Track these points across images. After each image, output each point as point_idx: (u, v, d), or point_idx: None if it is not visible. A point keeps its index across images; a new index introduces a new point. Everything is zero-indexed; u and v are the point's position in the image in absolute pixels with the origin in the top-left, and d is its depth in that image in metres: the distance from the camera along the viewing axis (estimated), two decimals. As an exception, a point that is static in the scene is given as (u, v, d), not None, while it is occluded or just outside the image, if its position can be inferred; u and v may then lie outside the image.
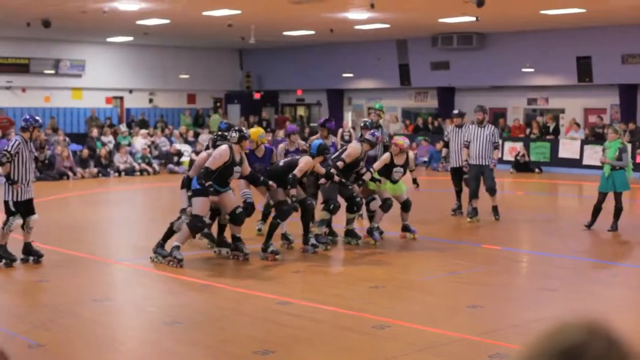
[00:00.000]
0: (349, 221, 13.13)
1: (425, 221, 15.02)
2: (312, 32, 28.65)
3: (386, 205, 13.08)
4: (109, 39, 31.77)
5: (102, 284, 10.62)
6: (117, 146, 26.91)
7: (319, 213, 12.87)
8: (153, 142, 28.40)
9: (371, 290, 10.05)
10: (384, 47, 31.97)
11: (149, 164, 26.53)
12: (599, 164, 14.91)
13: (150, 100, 35.69)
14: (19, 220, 11.25)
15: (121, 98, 35.04)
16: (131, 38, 31.19)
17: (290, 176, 11.80)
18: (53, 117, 31.73)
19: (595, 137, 26.37)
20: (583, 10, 22.26)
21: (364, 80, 33.86)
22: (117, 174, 25.53)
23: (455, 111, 16.86)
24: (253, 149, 12.72)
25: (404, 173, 13.38)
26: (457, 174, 16.26)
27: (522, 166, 26.98)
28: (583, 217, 14.74)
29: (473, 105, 26.88)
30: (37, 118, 11.52)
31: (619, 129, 14.84)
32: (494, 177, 15.57)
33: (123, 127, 30.46)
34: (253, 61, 37.40)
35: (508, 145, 28.09)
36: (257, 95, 37.14)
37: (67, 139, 27.02)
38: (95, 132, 28.03)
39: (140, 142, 27.75)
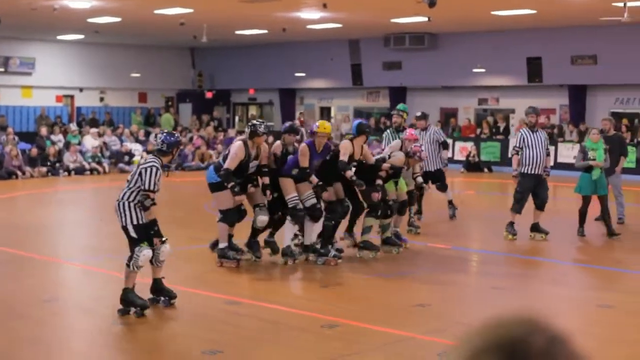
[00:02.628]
0: (385, 227, 12.37)
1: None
2: (265, 32, 28.61)
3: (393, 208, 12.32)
4: (59, 37, 31.42)
5: (51, 284, 10.52)
6: (67, 145, 26.66)
7: (364, 220, 12.07)
8: (105, 144, 28.13)
9: (320, 289, 10.08)
10: (337, 46, 31.99)
11: (99, 163, 26.31)
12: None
13: (101, 99, 35.38)
14: (147, 251, 8.69)
15: (71, 96, 34.67)
16: (82, 36, 30.88)
17: (339, 163, 11.29)
18: (2, 115, 31.27)
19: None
20: (534, 12, 22.50)
21: (316, 80, 33.88)
22: (66, 173, 25.26)
23: (418, 113, 15.67)
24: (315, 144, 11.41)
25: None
26: (425, 178, 15.60)
27: (472, 166, 27.21)
28: (531, 217, 14.61)
29: (424, 105, 27.22)
30: (175, 134, 9.42)
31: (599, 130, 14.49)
32: (548, 189, 13.93)
33: (73, 126, 30.15)
34: (205, 60, 37.22)
35: (459, 145, 28.36)
36: (209, 94, 36.97)
37: (16, 137, 26.70)
38: (44, 130, 27.70)
39: (90, 141, 27.49)
